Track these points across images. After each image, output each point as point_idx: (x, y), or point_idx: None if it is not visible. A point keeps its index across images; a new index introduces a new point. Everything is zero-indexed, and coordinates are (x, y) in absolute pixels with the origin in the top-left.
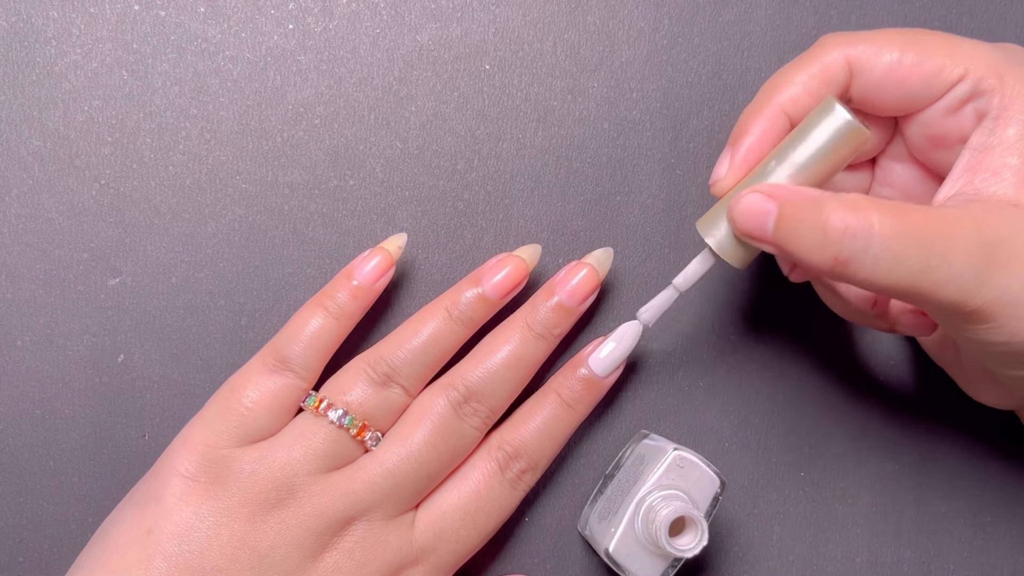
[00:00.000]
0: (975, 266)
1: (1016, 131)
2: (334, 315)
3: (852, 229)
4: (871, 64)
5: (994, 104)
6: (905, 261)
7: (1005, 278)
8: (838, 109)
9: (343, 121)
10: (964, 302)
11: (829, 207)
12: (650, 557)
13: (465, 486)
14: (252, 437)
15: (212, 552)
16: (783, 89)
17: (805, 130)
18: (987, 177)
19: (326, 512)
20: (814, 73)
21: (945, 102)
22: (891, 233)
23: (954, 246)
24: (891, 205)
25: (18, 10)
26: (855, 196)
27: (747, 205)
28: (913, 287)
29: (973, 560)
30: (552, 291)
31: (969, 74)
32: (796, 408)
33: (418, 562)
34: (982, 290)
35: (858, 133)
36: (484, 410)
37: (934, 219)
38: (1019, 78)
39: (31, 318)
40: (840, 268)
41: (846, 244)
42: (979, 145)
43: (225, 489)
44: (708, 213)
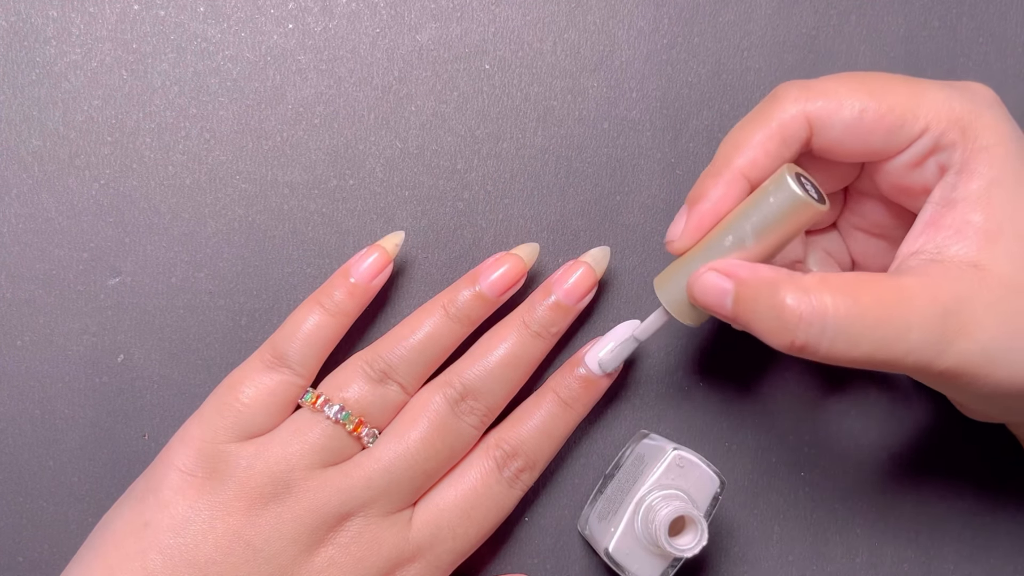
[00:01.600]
0: (933, 338)
1: (979, 186)
2: (331, 313)
3: (807, 316)
4: (831, 120)
5: (955, 158)
6: (861, 340)
7: (964, 344)
8: (789, 185)
9: (343, 121)
10: (927, 368)
11: (784, 291)
12: (650, 557)
13: (462, 484)
14: (249, 433)
15: (207, 545)
16: (742, 150)
17: (759, 201)
18: (949, 235)
19: (322, 507)
20: (772, 134)
21: (907, 156)
22: (846, 315)
23: (909, 322)
24: (846, 283)
25: (18, 10)
26: (810, 277)
27: (707, 283)
28: (873, 360)
29: (973, 560)
30: (549, 290)
31: (930, 128)
32: (796, 408)
33: (414, 559)
34: (942, 358)
35: (811, 208)
36: (481, 408)
37: (889, 294)
38: (983, 127)
39: (31, 318)
40: (797, 351)
41: (802, 330)
42: (941, 200)
43: (221, 483)
44: (664, 272)
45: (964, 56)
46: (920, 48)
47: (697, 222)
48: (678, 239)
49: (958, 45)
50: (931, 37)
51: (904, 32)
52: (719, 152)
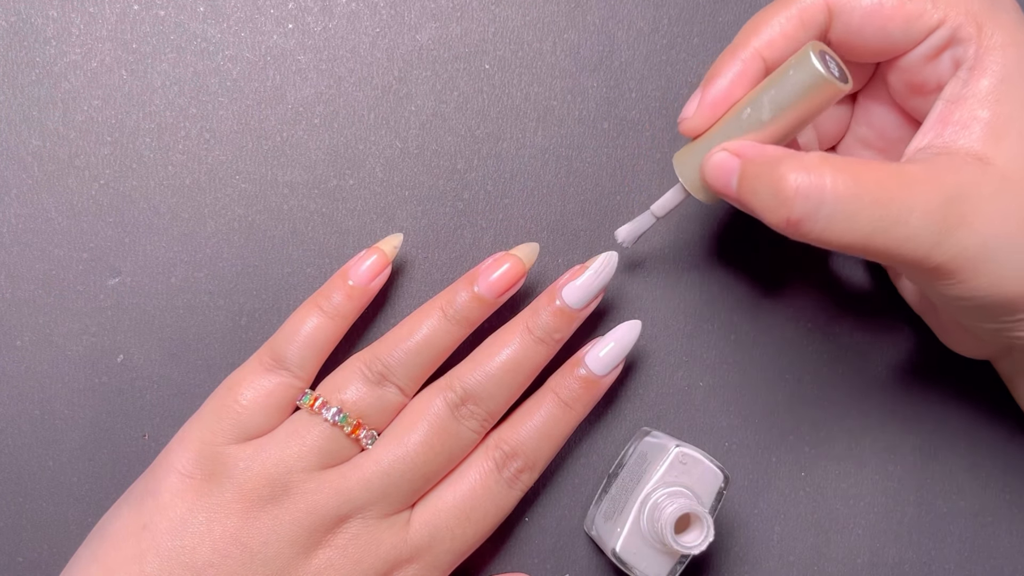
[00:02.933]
0: (933, 225)
1: (989, 83)
2: (329, 315)
3: (804, 189)
4: (850, 6)
5: (970, 54)
6: (859, 221)
7: (964, 235)
8: (813, 61)
9: (343, 121)
10: (923, 259)
11: (785, 167)
12: (657, 555)
13: (462, 485)
14: (248, 435)
15: (205, 547)
16: (760, 32)
17: (780, 79)
18: (956, 129)
19: (319, 509)
20: (792, 15)
21: (923, 48)
22: (845, 193)
23: (911, 205)
24: (849, 164)
25: (18, 10)
26: (813, 155)
27: (716, 162)
28: (870, 245)
29: (974, 560)
30: (554, 294)
31: (948, 20)
32: (797, 408)
33: (413, 560)
34: (941, 247)
35: (831, 87)
36: (482, 413)
37: (891, 177)
38: (998, 26)
39: (31, 318)
40: (793, 228)
41: (798, 204)
42: (952, 96)
43: (219, 485)
44: (684, 150)
45: None
46: None
47: (711, 101)
48: (691, 117)
49: None
50: None
51: None
52: (738, 34)
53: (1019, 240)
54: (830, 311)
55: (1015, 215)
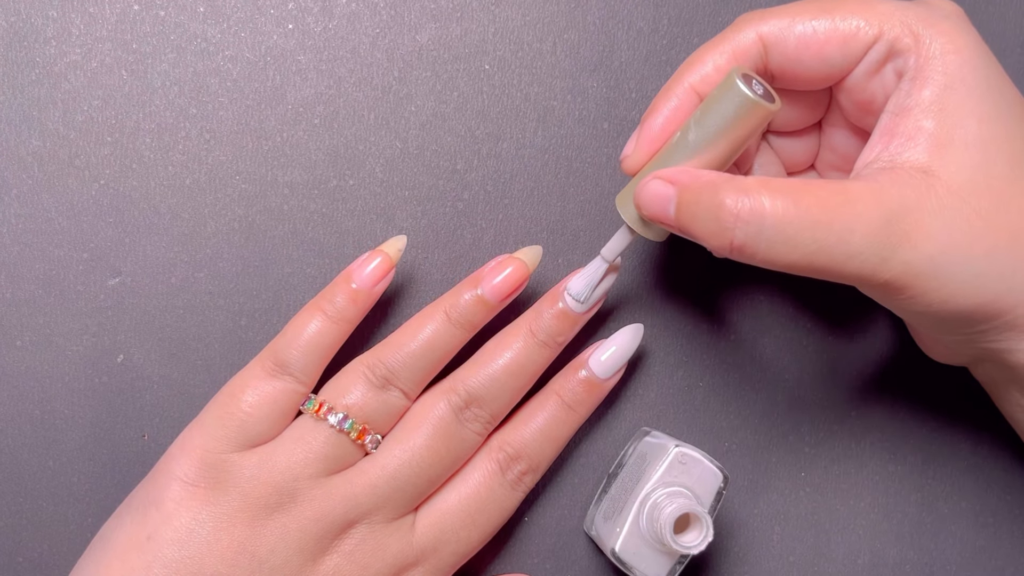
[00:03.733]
0: (876, 243)
1: (931, 92)
2: (332, 319)
3: (744, 214)
4: (784, 37)
5: (910, 64)
6: (800, 242)
7: (908, 252)
8: (737, 84)
9: (343, 121)
10: (870, 277)
11: (723, 192)
12: (657, 555)
13: (465, 487)
14: (251, 441)
15: (212, 557)
16: (694, 69)
17: (708, 106)
18: (902, 142)
19: (327, 516)
20: (725, 51)
21: (864, 66)
22: (783, 216)
23: (852, 225)
24: (787, 185)
25: (18, 10)
26: (751, 179)
27: (650, 191)
28: (814, 265)
29: (975, 561)
30: (557, 297)
31: (884, 33)
32: (796, 408)
33: (418, 563)
34: (886, 265)
35: (759, 108)
36: (485, 415)
37: (832, 196)
38: (936, 34)
39: (31, 318)
40: (736, 252)
41: (739, 229)
42: (896, 107)
43: (225, 494)
44: (625, 189)
45: None
46: None
47: (648, 137)
48: (631, 155)
49: None
50: None
51: None
52: (674, 73)
53: (966, 253)
54: (830, 311)
55: (960, 228)
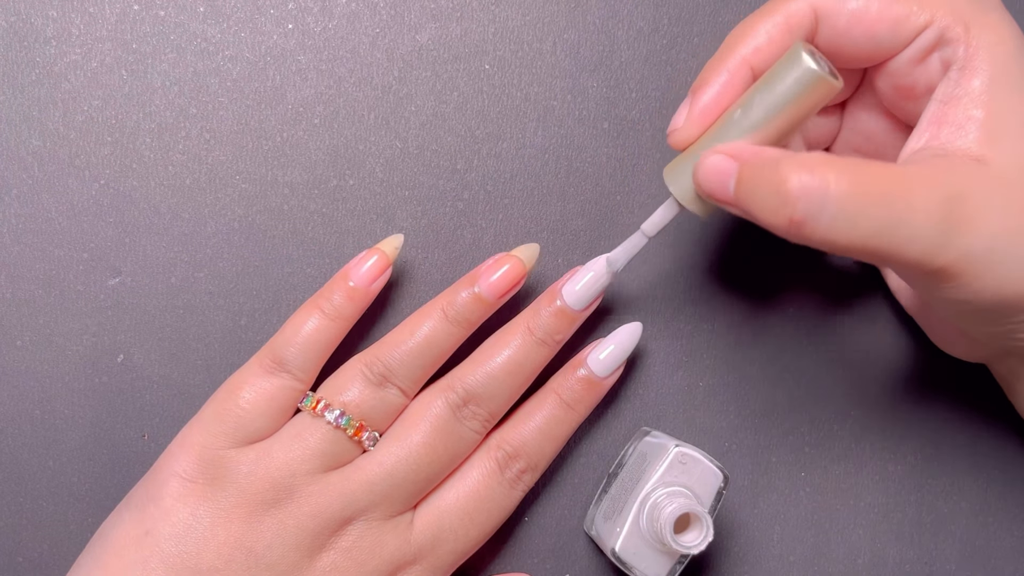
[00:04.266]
0: (937, 226)
1: (981, 82)
2: (330, 316)
3: (807, 190)
4: (836, 11)
5: (959, 54)
6: (862, 222)
7: (968, 237)
8: (804, 59)
9: (343, 121)
10: (928, 261)
11: (786, 168)
12: (657, 555)
13: (464, 486)
14: (249, 438)
15: (209, 553)
16: (747, 39)
17: (771, 80)
18: (952, 131)
19: (323, 512)
20: (778, 22)
21: (911, 51)
22: (847, 193)
23: (914, 206)
24: (849, 164)
25: (18, 10)
26: (813, 155)
27: (710, 166)
28: (873, 247)
29: (974, 560)
30: (554, 295)
31: (935, 21)
32: (797, 408)
33: (416, 561)
34: (946, 250)
35: (825, 84)
36: (483, 413)
37: (893, 178)
38: (984, 26)
39: (31, 318)
40: (796, 229)
41: (801, 205)
42: (944, 96)
43: (222, 490)
44: (675, 162)
45: None
46: None
47: (700, 111)
48: (681, 128)
49: None
50: None
51: None
52: (725, 42)
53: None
54: (830, 311)
55: (1015, 215)
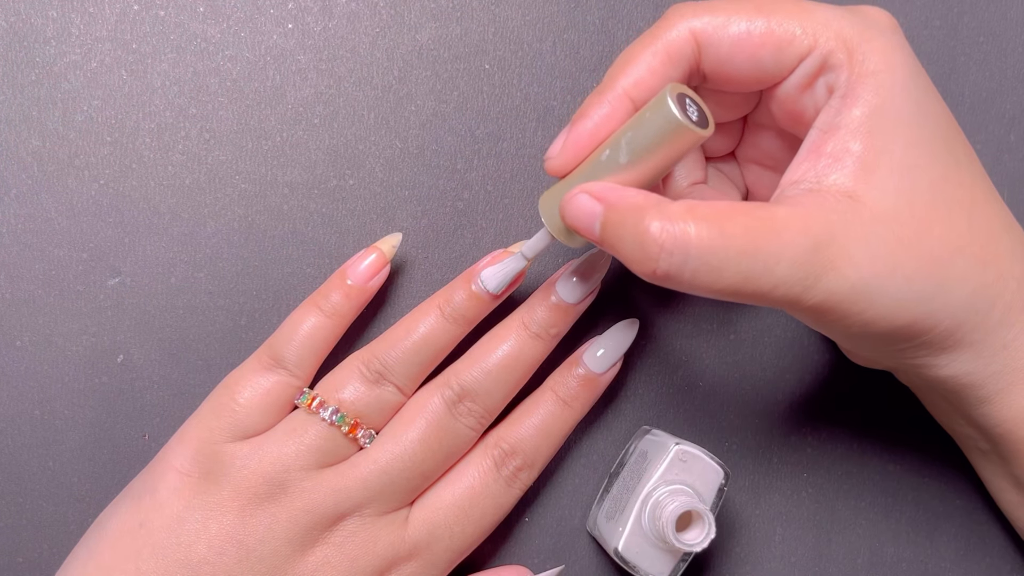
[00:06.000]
0: (801, 272)
1: (861, 112)
2: (328, 314)
3: (668, 243)
4: (718, 37)
5: (842, 81)
6: (726, 272)
7: (833, 279)
8: (669, 106)
9: (343, 121)
10: (795, 303)
11: (649, 218)
12: (659, 554)
13: (460, 483)
14: (246, 433)
15: (201, 545)
16: (627, 70)
17: (639, 122)
18: (828, 163)
19: (317, 508)
20: (658, 51)
21: (797, 77)
22: (708, 245)
23: (778, 255)
24: (713, 212)
25: (17, 10)
26: (678, 205)
27: (577, 205)
28: (740, 292)
29: (971, 559)
30: (549, 290)
31: (818, 46)
32: (798, 408)
33: (411, 558)
34: (810, 293)
35: (689, 134)
36: (479, 410)
37: (758, 225)
38: (871, 51)
39: (31, 318)
40: (662, 280)
41: (663, 259)
42: (824, 125)
43: (216, 483)
44: (548, 192)
45: (964, 55)
46: (920, 47)
47: (575, 141)
48: (555, 156)
49: (958, 44)
50: (931, 36)
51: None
52: (607, 73)
53: (889, 279)
54: None
55: (883, 255)
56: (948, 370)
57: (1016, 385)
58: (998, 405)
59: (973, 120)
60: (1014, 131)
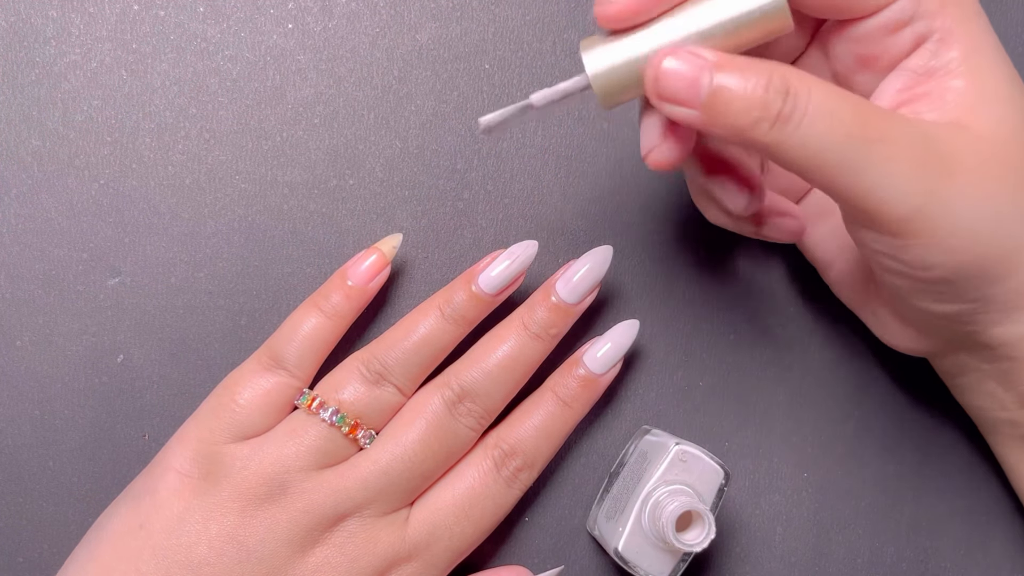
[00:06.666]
0: (914, 169)
1: (959, 54)
2: (328, 315)
3: (795, 86)
4: None
5: (936, 26)
6: (836, 136)
7: (944, 188)
8: None
9: (343, 121)
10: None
11: (771, 68)
12: (660, 554)
13: (460, 483)
14: (245, 434)
15: (201, 546)
16: None
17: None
18: (928, 101)
19: (317, 508)
20: None
21: (885, 18)
22: (831, 103)
23: (894, 136)
24: (836, 88)
25: (17, 10)
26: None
27: (679, 63)
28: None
29: (970, 558)
30: (549, 290)
31: None
32: (798, 408)
33: (411, 558)
34: (918, 196)
35: (782, 17)
36: (479, 410)
37: (882, 112)
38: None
39: (30, 318)
40: (779, 126)
41: (790, 99)
42: (920, 67)
43: (216, 484)
44: (604, 43)
45: None
46: None
47: None
48: (616, 2)
49: None
50: None
51: None
52: None
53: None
54: (831, 311)
55: (993, 178)
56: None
57: None
58: None
59: None
60: None
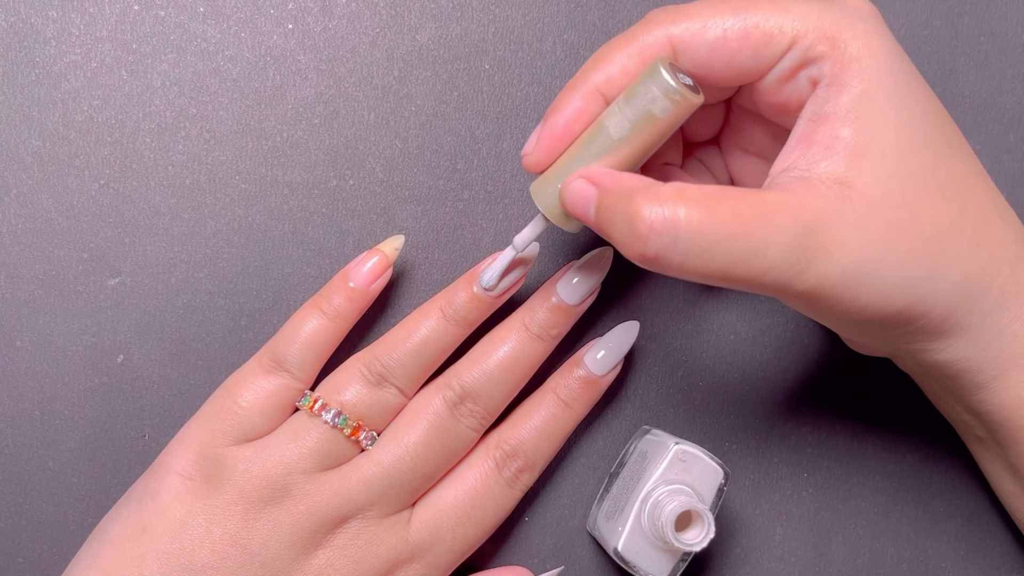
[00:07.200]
0: (792, 256)
1: (849, 99)
2: (330, 317)
3: (658, 225)
4: (696, 42)
5: (825, 71)
6: (716, 255)
7: (825, 264)
8: (663, 75)
9: (343, 121)
10: (786, 288)
11: (639, 200)
12: (659, 554)
13: (462, 484)
14: (247, 436)
15: (204, 549)
16: (600, 68)
17: (632, 95)
18: (819, 151)
19: (320, 511)
20: (633, 53)
21: (777, 72)
22: (698, 228)
23: (768, 238)
24: (704, 195)
25: (17, 10)
26: (668, 187)
27: (574, 190)
28: (730, 278)
29: (971, 559)
30: (550, 291)
31: (797, 42)
32: (798, 408)
33: (413, 559)
34: (802, 278)
35: (684, 101)
36: (480, 411)
37: (749, 209)
38: (852, 39)
39: (31, 318)
40: (649, 263)
41: (652, 240)
42: (812, 114)
43: (219, 487)
44: (540, 178)
45: (965, 56)
46: (921, 47)
47: (549, 136)
48: (531, 153)
49: (959, 44)
50: (932, 36)
51: (905, 31)
52: (580, 70)
53: (881, 263)
54: None
55: (875, 239)
56: (944, 355)
57: (1013, 371)
58: (995, 391)
59: (973, 120)
60: (1013, 131)
